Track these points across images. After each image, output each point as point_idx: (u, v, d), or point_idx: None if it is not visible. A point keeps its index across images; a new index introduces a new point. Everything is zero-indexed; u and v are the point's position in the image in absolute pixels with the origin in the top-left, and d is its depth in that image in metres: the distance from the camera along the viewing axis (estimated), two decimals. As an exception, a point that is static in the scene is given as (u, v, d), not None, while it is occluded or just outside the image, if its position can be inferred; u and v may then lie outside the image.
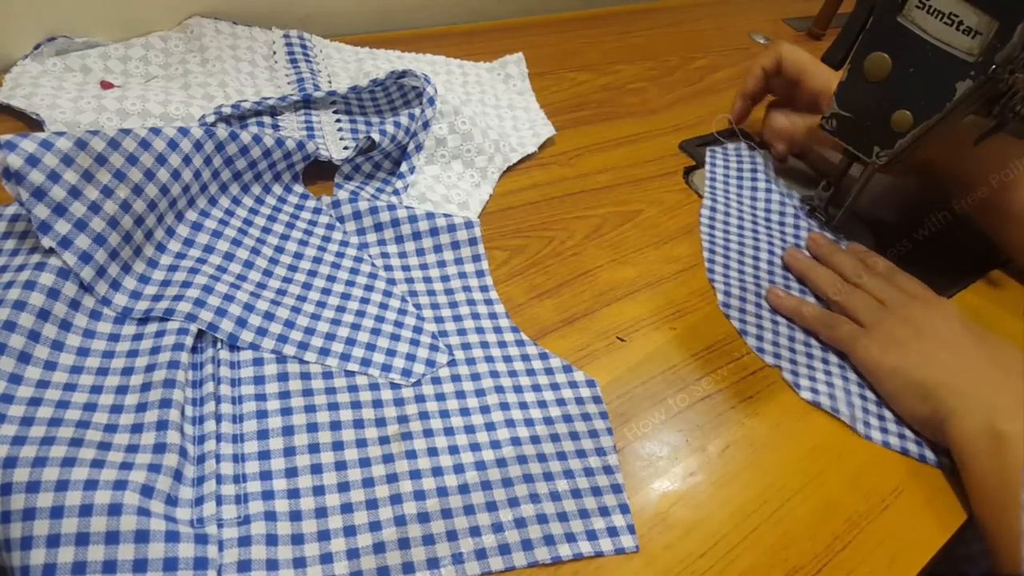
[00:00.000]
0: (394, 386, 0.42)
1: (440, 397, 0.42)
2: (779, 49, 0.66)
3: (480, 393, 0.42)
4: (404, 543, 0.35)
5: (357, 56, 0.67)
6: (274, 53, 0.64)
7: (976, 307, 0.58)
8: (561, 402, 0.43)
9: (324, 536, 0.34)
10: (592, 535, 0.37)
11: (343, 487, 0.36)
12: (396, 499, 0.36)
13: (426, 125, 0.56)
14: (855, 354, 0.49)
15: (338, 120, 0.59)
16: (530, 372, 0.44)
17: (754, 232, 0.60)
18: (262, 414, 0.38)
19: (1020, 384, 0.44)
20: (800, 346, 0.51)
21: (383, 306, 0.46)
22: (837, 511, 0.42)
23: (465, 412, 0.41)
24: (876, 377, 0.48)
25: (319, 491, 0.36)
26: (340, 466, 0.37)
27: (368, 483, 0.37)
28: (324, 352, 0.42)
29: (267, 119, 0.56)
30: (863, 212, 0.65)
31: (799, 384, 0.48)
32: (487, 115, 0.65)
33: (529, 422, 0.42)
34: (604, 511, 0.38)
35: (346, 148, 0.56)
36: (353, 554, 0.34)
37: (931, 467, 0.45)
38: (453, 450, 0.39)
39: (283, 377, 0.40)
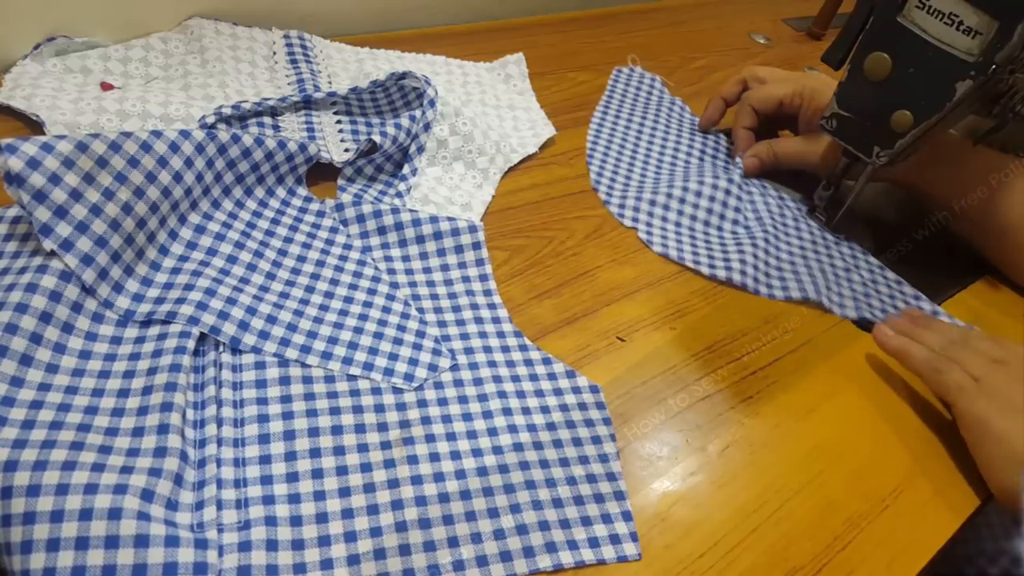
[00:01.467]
0: (396, 391, 0.41)
1: (443, 402, 0.42)
2: (767, 91, 0.65)
3: (483, 398, 0.42)
4: (405, 549, 0.35)
5: (357, 56, 0.67)
6: (274, 54, 0.64)
7: (975, 309, 0.58)
8: (564, 408, 0.43)
9: (324, 542, 0.34)
10: (594, 542, 0.37)
11: (344, 492, 0.36)
12: (397, 504, 0.36)
13: (427, 127, 0.56)
14: (960, 404, 0.45)
15: (338, 121, 0.59)
16: (533, 377, 0.44)
17: (640, 126, 0.70)
18: (263, 418, 0.38)
19: None
20: (659, 210, 0.59)
21: (386, 310, 0.46)
22: (837, 511, 0.42)
23: (467, 417, 0.41)
24: (976, 435, 0.44)
25: (320, 496, 0.36)
26: (341, 471, 0.37)
27: (369, 488, 0.37)
28: (326, 356, 0.42)
29: (267, 120, 0.56)
30: (863, 212, 0.65)
31: (652, 241, 0.56)
32: (488, 115, 0.65)
33: (532, 427, 0.42)
34: (607, 518, 0.38)
35: (347, 150, 0.56)
36: (354, 560, 0.34)
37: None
38: (455, 455, 0.39)
39: (285, 381, 0.40)
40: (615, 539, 0.37)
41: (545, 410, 0.43)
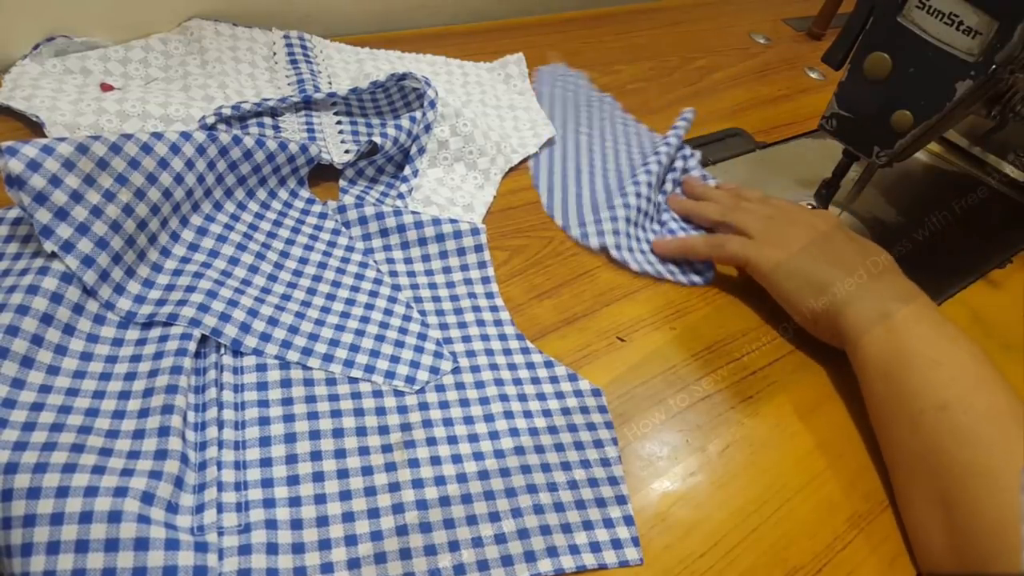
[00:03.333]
0: (397, 393, 0.41)
1: (444, 405, 0.41)
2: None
3: (484, 401, 0.42)
4: (406, 553, 0.35)
5: (357, 57, 0.67)
6: (274, 54, 0.64)
7: (975, 308, 0.58)
8: (566, 411, 0.43)
9: (325, 545, 0.34)
10: (596, 547, 0.37)
11: (345, 496, 0.36)
12: (398, 508, 0.36)
13: (427, 128, 0.56)
14: (750, 260, 0.50)
15: (339, 122, 0.59)
16: (535, 380, 0.44)
17: (589, 141, 0.66)
18: (264, 421, 0.38)
19: (901, 279, 0.48)
20: (620, 213, 0.55)
21: (387, 312, 0.46)
22: (837, 511, 0.42)
23: (469, 420, 0.41)
24: (770, 279, 0.50)
25: (321, 500, 0.36)
26: (342, 474, 0.37)
27: (370, 492, 0.37)
28: (328, 358, 0.42)
29: (267, 120, 0.56)
30: (863, 212, 0.65)
31: (626, 260, 0.54)
32: (488, 116, 0.65)
33: (534, 431, 0.41)
34: (608, 523, 0.38)
35: (347, 151, 0.56)
36: (354, 564, 0.34)
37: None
38: (456, 459, 0.39)
39: (286, 383, 0.40)
40: (617, 544, 0.37)
41: (547, 413, 0.43)
